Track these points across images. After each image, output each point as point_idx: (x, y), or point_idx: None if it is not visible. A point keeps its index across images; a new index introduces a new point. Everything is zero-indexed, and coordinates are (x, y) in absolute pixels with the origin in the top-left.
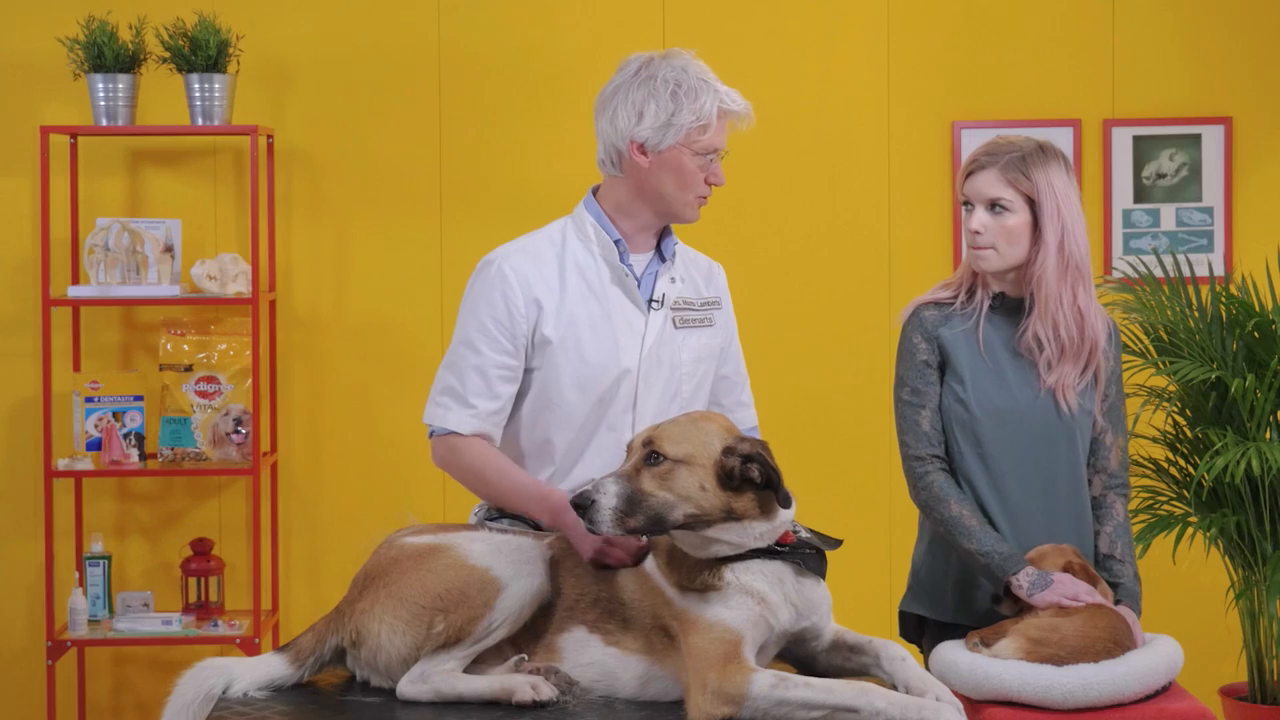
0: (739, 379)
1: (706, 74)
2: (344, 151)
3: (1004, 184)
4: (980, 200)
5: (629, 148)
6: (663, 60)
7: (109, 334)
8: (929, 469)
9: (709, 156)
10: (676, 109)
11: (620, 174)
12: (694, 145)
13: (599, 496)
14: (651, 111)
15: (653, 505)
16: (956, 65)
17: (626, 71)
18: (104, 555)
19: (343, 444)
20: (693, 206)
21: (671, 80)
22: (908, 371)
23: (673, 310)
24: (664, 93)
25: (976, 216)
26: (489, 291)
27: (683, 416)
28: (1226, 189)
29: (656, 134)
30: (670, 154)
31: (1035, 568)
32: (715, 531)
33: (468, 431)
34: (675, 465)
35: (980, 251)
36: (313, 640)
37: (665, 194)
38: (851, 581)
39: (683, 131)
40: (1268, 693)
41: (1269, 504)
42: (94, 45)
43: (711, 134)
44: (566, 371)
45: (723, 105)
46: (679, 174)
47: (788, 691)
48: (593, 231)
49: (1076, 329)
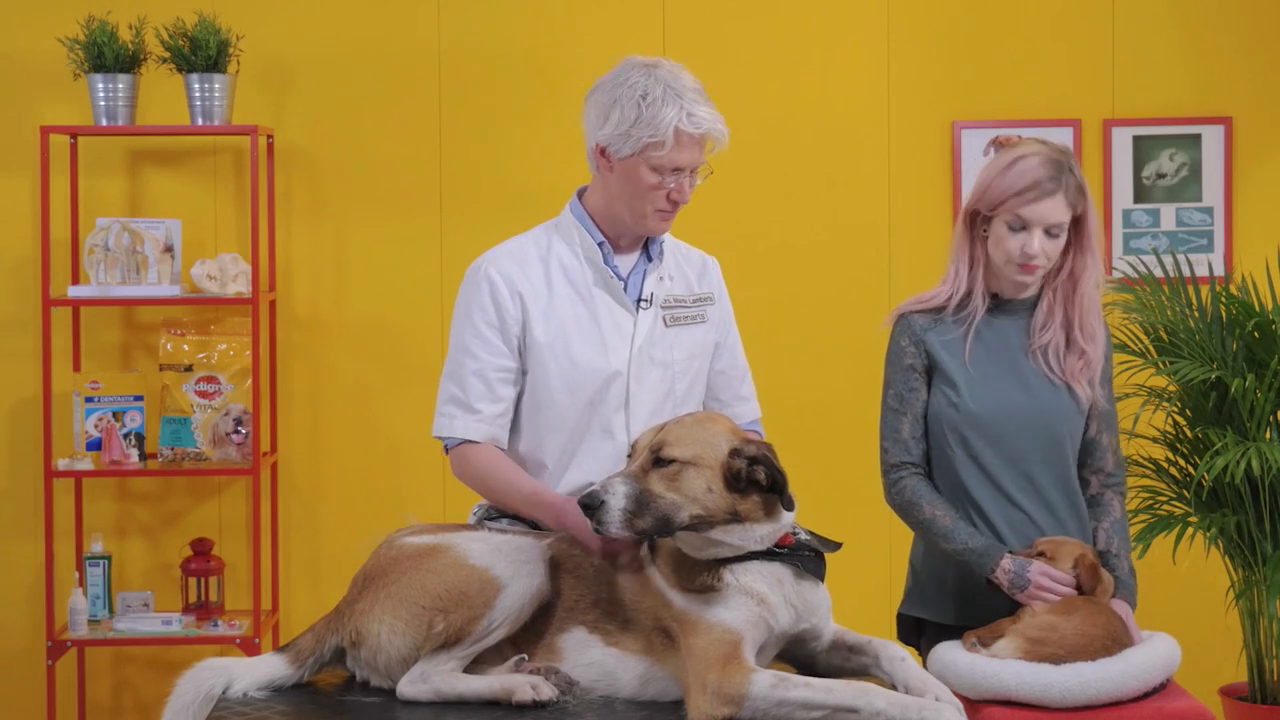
0: (738, 372)
1: (683, 90)
2: (344, 151)
3: (1067, 208)
4: (1042, 224)
5: (594, 149)
6: (645, 69)
7: (109, 334)
8: (903, 474)
9: (670, 174)
10: (636, 120)
11: (597, 173)
12: (649, 160)
13: (608, 497)
14: (615, 118)
15: (661, 506)
16: (956, 65)
17: (612, 73)
18: (104, 555)
19: (343, 444)
20: (653, 219)
21: (639, 90)
22: (894, 376)
23: (663, 309)
24: (628, 101)
25: (1036, 241)
26: (479, 296)
27: (688, 417)
28: (1226, 189)
29: (617, 141)
30: (627, 164)
31: (1049, 557)
32: (718, 533)
33: (477, 437)
34: (683, 467)
35: (1033, 272)
36: (313, 640)
37: (625, 201)
38: (851, 583)
39: (639, 144)
40: (1268, 693)
41: (1269, 504)
42: (94, 45)
43: (669, 151)
44: (555, 374)
45: (680, 125)
46: (635, 185)
47: (787, 692)
48: (576, 234)
49: (1098, 322)
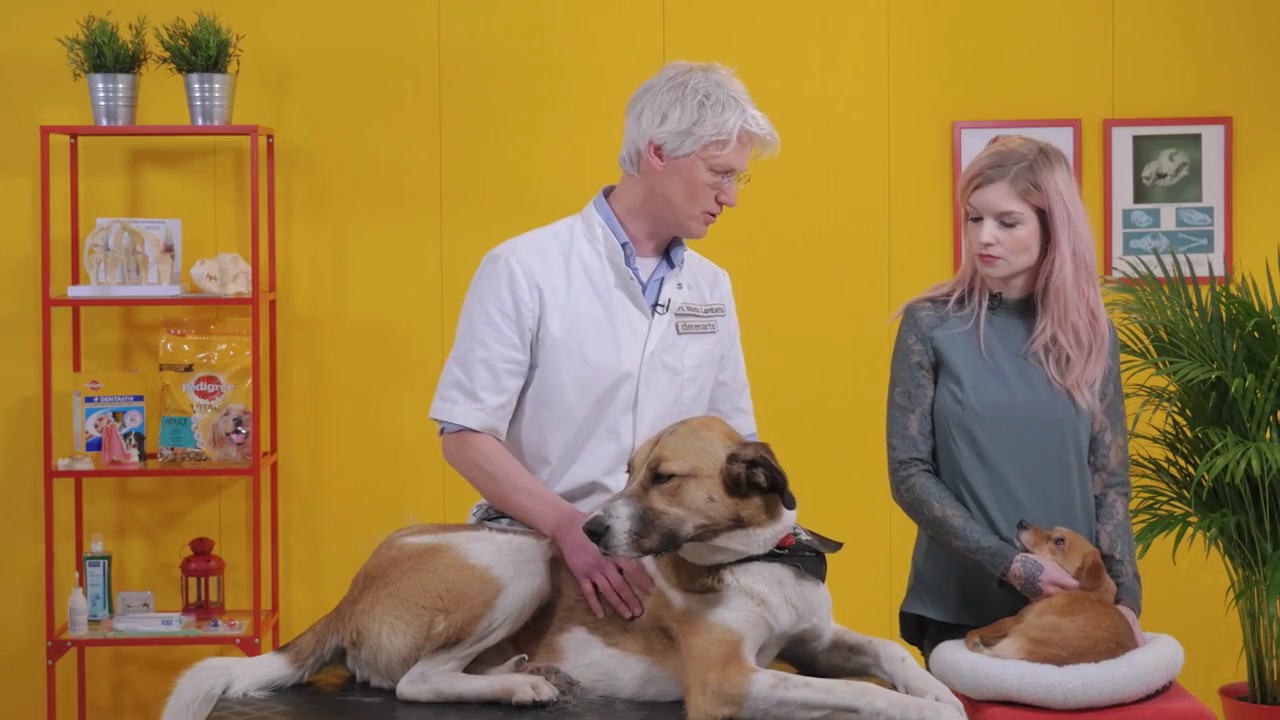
0: (738, 385)
1: (740, 94)
2: (344, 151)
3: (1014, 197)
4: (990, 213)
5: (647, 148)
6: (701, 72)
7: (109, 334)
8: (911, 472)
9: (724, 175)
10: (699, 119)
11: (636, 173)
12: (710, 159)
13: (613, 521)
14: (675, 117)
15: (665, 523)
16: (956, 65)
17: (664, 75)
18: (104, 555)
19: (343, 444)
20: (699, 220)
21: (701, 90)
22: (901, 373)
23: (677, 316)
24: (691, 101)
25: (987, 230)
26: (496, 285)
27: (681, 427)
28: (1226, 189)
29: (675, 139)
30: (684, 162)
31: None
32: (723, 540)
33: (476, 426)
34: (683, 480)
35: (991, 262)
36: (313, 640)
37: (673, 201)
38: (852, 583)
39: (701, 142)
40: (1268, 693)
41: (1269, 504)
42: (94, 45)
43: (729, 152)
44: (567, 370)
45: (745, 126)
46: (689, 184)
47: (788, 692)
48: (600, 232)
49: (1090, 327)
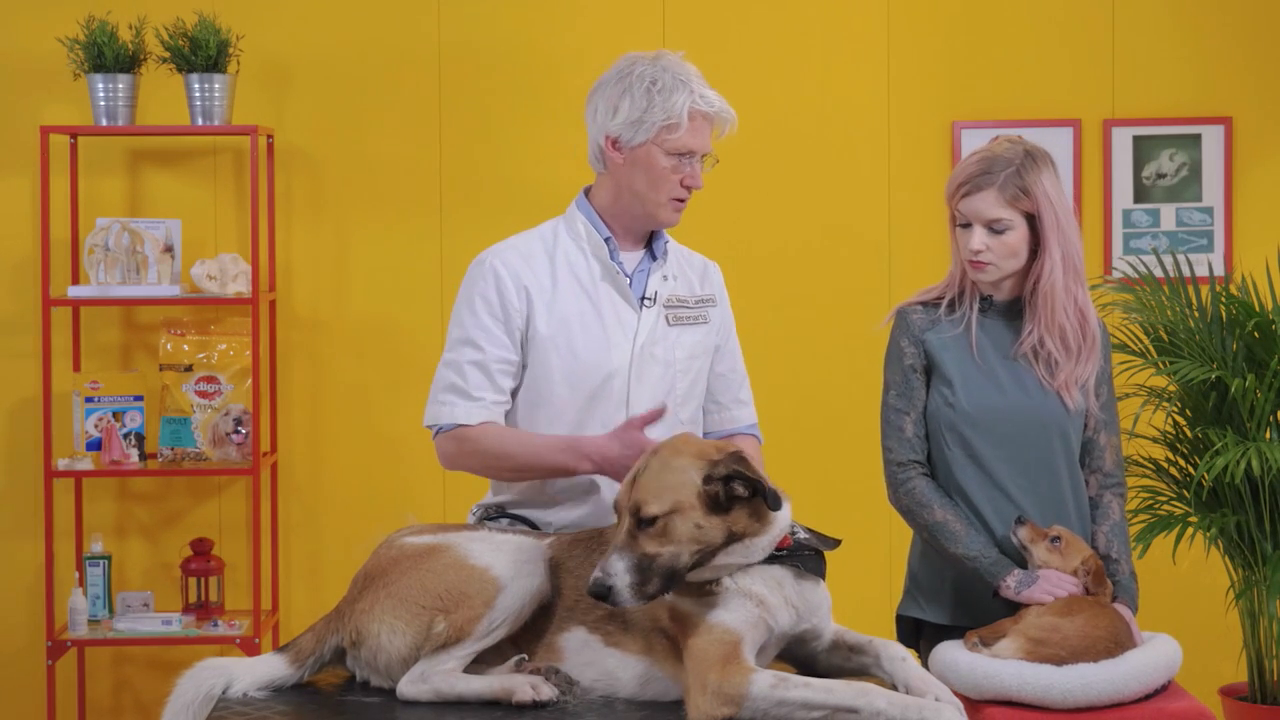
0: (737, 377)
1: (689, 75)
2: (344, 151)
3: (1003, 204)
4: (979, 221)
5: (605, 143)
6: (648, 60)
7: (109, 334)
8: (910, 474)
9: (682, 157)
10: (649, 105)
11: (604, 170)
12: (664, 144)
13: (613, 580)
14: (626, 108)
15: (661, 563)
16: (956, 65)
17: (614, 69)
18: (104, 555)
19: (343, 444)
20: (666, 208)
21: (648, 78)
22: (894, 376)
23: (666, 308)
24: (638, 89)
25: (976, 237)
26: (483, 289)
27: (654, 461)
28: (1226, 189)
29: (629, 130)
30: (641, 151)
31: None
32: (721, 558)
33: (475, 421)
34: (667, 519)
35: (981, 269)
36: (313, 640)
37: (638, 192)
38: (851, 583)
39: (654, 129)
40: (1268, 693)
41: (1269, 504)
42: (94, 45)
43: (683, 134)
44: (557, 368)
45: (694, 105)
46: (650, 172)
47: (787, 692)
48: (583, 229)
49: (1080, 329)
